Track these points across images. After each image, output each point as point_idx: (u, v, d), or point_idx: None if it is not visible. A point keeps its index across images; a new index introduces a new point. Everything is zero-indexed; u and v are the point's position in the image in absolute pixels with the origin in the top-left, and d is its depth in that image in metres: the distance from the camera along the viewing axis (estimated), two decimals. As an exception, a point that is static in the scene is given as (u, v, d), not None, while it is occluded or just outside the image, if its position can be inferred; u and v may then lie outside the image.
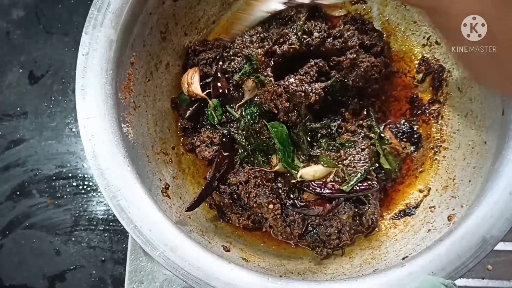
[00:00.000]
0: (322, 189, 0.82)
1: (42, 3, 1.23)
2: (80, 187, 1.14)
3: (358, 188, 0.82)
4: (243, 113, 0.89)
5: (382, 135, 0.89)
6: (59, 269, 1.10)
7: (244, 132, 0.89)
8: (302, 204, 0.82)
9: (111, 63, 0.77)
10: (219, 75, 0.90)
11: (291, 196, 0.86)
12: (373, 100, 0.96)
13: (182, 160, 0.95)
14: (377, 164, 0.86)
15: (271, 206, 0.84)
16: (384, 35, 0.98)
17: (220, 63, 0.92)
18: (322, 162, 0.85)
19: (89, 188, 1.14)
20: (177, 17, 0.94)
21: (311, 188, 0.82)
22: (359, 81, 0.90)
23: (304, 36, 0.91)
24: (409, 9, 0.97)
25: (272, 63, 0.90)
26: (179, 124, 0.96)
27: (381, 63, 0.91)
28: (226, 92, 0.89)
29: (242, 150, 0.89)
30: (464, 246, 0.69)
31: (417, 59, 0.97)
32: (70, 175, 1.16)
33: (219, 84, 0.89)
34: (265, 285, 0.68)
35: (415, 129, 0.95)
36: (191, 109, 0.92)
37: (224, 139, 0.88)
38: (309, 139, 0.89)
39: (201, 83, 0.93)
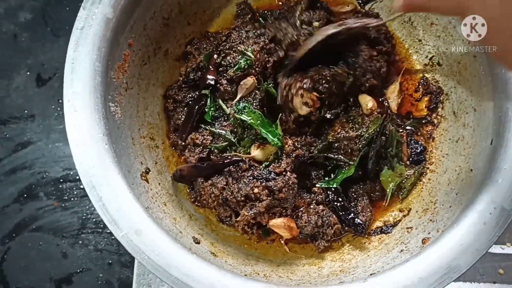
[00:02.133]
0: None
1: (49, 6, 1.24)
2: (88, 189, 1.14)
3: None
4: (235, 108, 0.88)
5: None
6: (66, 272, 1.09)
7: (231, 128, 0.88)
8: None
9: (105, 41, 0.77)
10: (211, 68, 0.89)
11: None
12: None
13: (167, 148, 0.95)
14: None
15: (256, 190, 0.82)
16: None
17: (215, 56, 0.92)
18: None
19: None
20: (182, 6, 0.95)
21: None
22: (357, 69, 0.88)
23: (304, 27, 0.90)
24: (415, 27, 0.96)
25: (271, 62, 0.89)
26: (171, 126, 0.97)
27: (381, 58, 0.90)
28: (214, 83, 0.89)
29: (223, 141, 0.89)
30: (430, 271, 0.68)
31: (417, 77, 0.96)
32: (77, 177, 1.14)
33: (207, 75, 0.89)
34: (222, 280, 0.68)
35: (424, 151, 0.93)
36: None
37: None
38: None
39: (194, 76, 0.93)
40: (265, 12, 1.00)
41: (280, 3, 1.02)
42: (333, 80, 0.86)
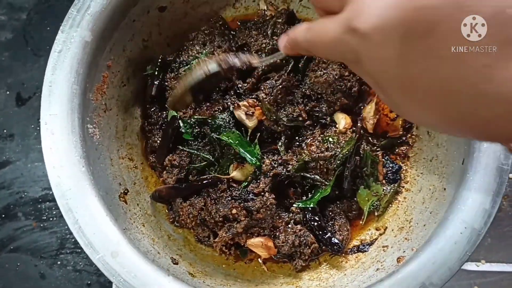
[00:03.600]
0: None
1: (30, 26, 1.24)
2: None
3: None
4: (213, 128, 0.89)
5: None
6: (44, 293, 1.08)
7: (209, 148, 0.89)
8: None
9: (83, 64, 0.78)
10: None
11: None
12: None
13: (146, 168, 0.95)
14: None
15: (234, 211, 0.83)
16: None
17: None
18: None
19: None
20: (161, 28, 0.96)
21: None
22: (325, 88, 0.90)
23: (275, 37, 0.92)
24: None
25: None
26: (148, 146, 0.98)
27: (353, 78, 0.91)
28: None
29: (201, 161, 0.90)
30: (403, 290, 0.69)
31: (393, 98, 0.98)
32: (56, 197, 1.14)
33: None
34: (198, 302, 0.68)
35: (400, 170, 0.95)
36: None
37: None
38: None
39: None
40: (239, 25, 1.02)
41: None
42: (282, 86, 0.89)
